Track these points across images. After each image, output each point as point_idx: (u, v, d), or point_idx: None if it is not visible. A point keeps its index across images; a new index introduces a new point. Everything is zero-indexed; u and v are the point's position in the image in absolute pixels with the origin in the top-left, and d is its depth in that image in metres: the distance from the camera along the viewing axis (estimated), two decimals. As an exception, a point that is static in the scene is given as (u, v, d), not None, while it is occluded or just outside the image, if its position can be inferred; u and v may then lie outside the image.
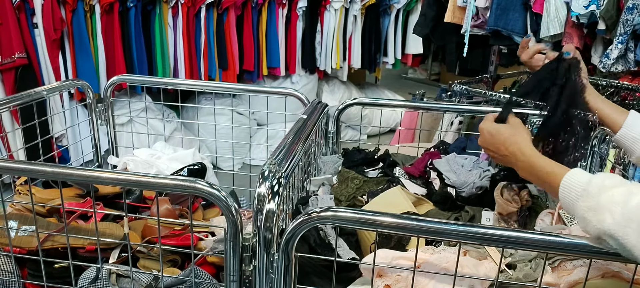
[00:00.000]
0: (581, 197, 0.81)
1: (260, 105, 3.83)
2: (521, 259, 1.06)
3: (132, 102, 3.01)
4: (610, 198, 0.77)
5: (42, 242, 1.20)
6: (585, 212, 0.80)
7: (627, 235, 0.74)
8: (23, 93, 1.63)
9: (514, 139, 1.02)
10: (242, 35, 3.95)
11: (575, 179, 0.85)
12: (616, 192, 0.77)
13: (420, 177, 1.61)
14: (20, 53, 2.85)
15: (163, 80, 2.50)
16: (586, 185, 0.82)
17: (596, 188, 0.80)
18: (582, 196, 0.81)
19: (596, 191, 0.79)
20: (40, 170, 1.05)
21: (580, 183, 0.83)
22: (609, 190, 0.78)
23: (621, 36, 2.31)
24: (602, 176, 0.82)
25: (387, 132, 4.66)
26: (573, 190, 0.83)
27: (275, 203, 0.93)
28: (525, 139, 1.01)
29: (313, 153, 1.56)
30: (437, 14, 3.27)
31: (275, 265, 0.94)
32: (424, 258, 1.03)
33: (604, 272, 1.01)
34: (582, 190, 0.82)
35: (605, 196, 0.78)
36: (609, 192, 0.78)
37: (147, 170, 1.80)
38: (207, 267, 1.24)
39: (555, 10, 2.52)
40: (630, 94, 2.73)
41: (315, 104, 1.57)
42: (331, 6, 4.29)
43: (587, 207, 0.80)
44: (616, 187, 0.78)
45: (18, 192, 1.44)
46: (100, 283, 1.16)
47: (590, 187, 0.81)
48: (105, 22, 3.20)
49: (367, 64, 4.79)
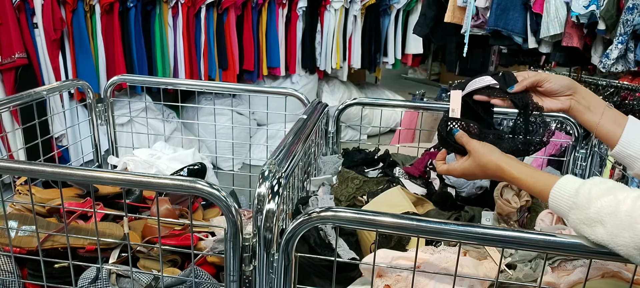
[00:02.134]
0: (571, 209, 0.81)
1: (260, 105, 3.83)
2: (521, 259, 1.06)
3: (132, 102, 3.01)
4: (599, 210, 0.77)
5: (42, 242, 1.20)
6: (577, 224, 0.80)
7: (620, 245, 0.74)
8: (23, 93, 1.63)
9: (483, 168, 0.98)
10: (242, 35, 3.95)
11: (563, 191, 0.84)
12: (604, 202, 0.77)
13: (420, 177, 1.61)
14: (20, 53, 2.85)
15: (163, 80, 2.50)
16: (574, 197, 0.81)
17: (584, 199, 0.79)
18: (572, 208, 0.81)
19: (585, 203, 0.79)
20: (40, 170, 1.05)
21: (568, 194, 0.82)
22: (596, 200, 0.78)
23: (621, 36, 2.31)
24: (590, 184, 0.81)
25: (387, 132, 4.66)
26: (562, 204, 0.83)
27: (275, 203, 0.93)
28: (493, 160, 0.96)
29: (313, 154, 1.56)
30: (437, 14, 3.27)
31: (275, 265, 0.94)
32: (424, 258, 1.03)
33: (603, 272, 1.01)
34: (572, 202, 0.81)
35: (594, 207, 0.78)
36: (597, 202, 0.78)
37: (147, 170, 1.80)
38: (207, 267, 1.24)
39: (555, 10, 2.52)
40: (631, 94, 2.74)
41: (315, 104, 1.57)
42: (331, 6, 4.29)
43: (579, 219, 0.80)
44: (603, 196, 0.78)
45: (18, 192, 1.44)
46: (100, 283, 1.16)
47: (579, 198, 0.80)
48: (105, 22, 3.20)
49: (367, 64, 4.80)
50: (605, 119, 0.98)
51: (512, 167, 0.94)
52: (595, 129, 1.00)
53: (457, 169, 1.04)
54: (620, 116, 0.99)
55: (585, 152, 1.67)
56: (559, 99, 1.03)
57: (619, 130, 0.96)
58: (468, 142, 1.01)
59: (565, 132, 2.49)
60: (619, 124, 0.97)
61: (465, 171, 1.02)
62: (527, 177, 0.91)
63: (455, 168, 1.04)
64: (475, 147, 1.00)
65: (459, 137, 1.03)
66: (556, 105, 1.03)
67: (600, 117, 0.99)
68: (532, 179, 0.90)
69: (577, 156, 1.69)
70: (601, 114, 0.99)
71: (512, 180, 0.94)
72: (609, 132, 0.98)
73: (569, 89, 1.02)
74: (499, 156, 0.96)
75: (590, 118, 1.00)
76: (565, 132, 2.48)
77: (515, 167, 0.94)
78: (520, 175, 0.93)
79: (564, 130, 2.52)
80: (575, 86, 1.03)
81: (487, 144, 1.00)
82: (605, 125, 0.98)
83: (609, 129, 0.98)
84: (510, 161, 0.95)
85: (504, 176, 0.95)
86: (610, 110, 1.00)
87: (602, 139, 1.00)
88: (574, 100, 1.02)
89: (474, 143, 1.00)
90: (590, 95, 1.03)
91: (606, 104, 1.02)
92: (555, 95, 1.03)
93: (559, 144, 2.18)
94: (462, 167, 1.02)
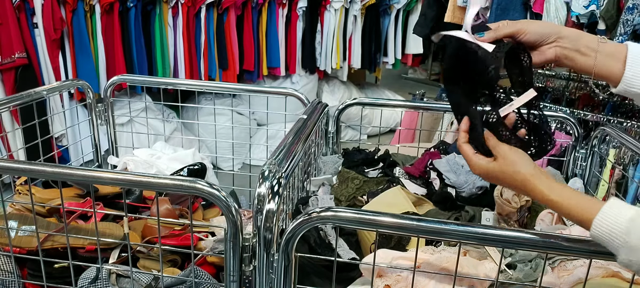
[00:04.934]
0: (622, 247, 0.72)
1: (260, 105, 3.83)
2: (521, 259, 1.06)
3: (132, 102, 3.01)
4: None
5: (42, 242, 1.20)
6: (629, 261, 0.72)
7: None
8: (23, 93, 1.63)
9: (508, 178, 0.86)
10: (242, 35, 3.95)
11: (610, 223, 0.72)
12: None
13: (420, 177, 1.61)
14: (20, 53, 2.85)
15: (163, 80, 2.50)
16: (627, 235, 0.71)
17: (638, 239, 0.70)
18: (623, 247, 0.71)
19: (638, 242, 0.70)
20: (40, 170, 1.05)
21: (619, 230, 0.71)
22: None
23: (621, 36, 2.31)
24: None
25: (387, 132, 4.66)
26: (610, 239, 0.73)
27: (275, 203, 0.93)
28: (521, 173, 0.83)
29: (313, 154, 1.56)
30: (437, 14, 3.27)
31: (275, 265, 0.94)
32: (424, 258, 1.03)
33: (604, 272, 1.01)
34: (623, 240, 0.71)
35: None
36: None
37: (147, 170, 1.80)
38: (207, 267, 1.24)
39: (555, 10, 2.52)
40: (631, 94, 2.73)
41: (315, 104, 1.57)
42: (331, 6, 4.29)
43: (631, 260, 0.72)
44: None
45: (18, 192, 1.44)
46: (100, 283, 1.16)
47: (631, 238, 0.70)
48: (105, 22, 3.20)
49: (367, 64, 4.80)
50: (600, 59, 0.87)
51: (544, 185, 0.81)
52: (592, 72, 0.88)
53: (478, 167, 0.90)
54: (617, 49, 0.87)
55: (585, 152, 1.67)
56: (541, 50, 0.90)
57: (618, 65, 0.85)
58: (496, 146, 0.88)
59: (565, 132, 2.49)
60: (617, 59, 0.86)
61: (487, 173, 0.89)
62: (563, 199, 0.78)
63: (477, 164, 0.90)
64: (505, 153, 0.86)
65: (486, 135, 0.90)
66: (540, 58, 0.90)
67: (595, 59, 0.87)
68: (569, 202, 0.78)
69: (577, 156, 1.69)
70: (595, 54, 0.87)
71: (543, 200, 0.81)
72: (608, 71, 0.87)
73: (550, 36, 0.89)
74: (528, 169, 0.83)
75: (585, 61, 0.88)
76: (565, 132, 2.48)
77: (549, 185, 0.81)
78: (555, 196, 0.79)
79: (564, 130, 2.52)
80: (559, 30, 0.90)
81: (517, 151, 0.86)
82: (602, 66, 0.87)
83: (607, 68, 0.87)
84: (542, 177, 0.82)
85: (534, 194, 0.83)
86: (604, 44, 0.88)
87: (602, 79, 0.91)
88: (559, 47, 0.89)
89: (503, 148, 0.87)
90: (578, 35, 0.90)
91: (598, 38, 0.89)
92: (537, 47, 0.90)
93: (559, 144, 2.18)
94: (485, 168, 0.89)
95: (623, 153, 2.18)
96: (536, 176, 0.82)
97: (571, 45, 0.89)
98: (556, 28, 0.90)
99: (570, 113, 2.65)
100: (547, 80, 3.14)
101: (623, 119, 2.59)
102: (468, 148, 0.92)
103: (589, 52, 0.88)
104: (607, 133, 1.61)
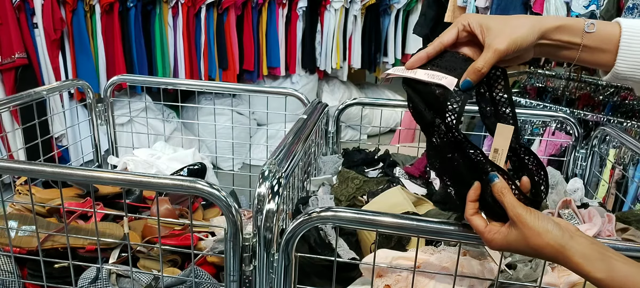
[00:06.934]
0: None
1: (260, 105, 3.83)
2: (521, 259, 1.06)
3: (132, 102, 3.01)
4: None
5: (42, 242, 1.20)
6: None
7: None
8: (23, 93, 1.63)
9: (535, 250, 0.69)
10: (242, 35, 3.96)
11: None
12: None
13: (420, 177, 1.61)
14: (20, 53, 2.85)
15: (163, 80, 2.50)
16: None
17: None
18: None
19: None
20: (40, 170, 1.05)
21: None
22: None
23: (621, 36, 2.32)
24: None
25: (387, 132, 4.66)
26: None
27: (275, 203, 0.93)
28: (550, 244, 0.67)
29: (313, 153, 1.56)
30: (437, 14, 3.28)
31: (275, 265, 0.94)
32: (424, 258, 1.03)
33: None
34: None
35: None
36: None
37: (147, 170, 1.80)
38: (207, 267, 1.24)
39: (555, 10, 2.52)
40: (631, 94, 2.74)
41: (315, 104, 1.57)
42: (331, 6, 4.29)
43: None
44: None
45: (18, 192, 1.44)
46: (100, 283, 1.16)
47: None
48: (105, 22, 3.20)
49: (367, 64, 4.80)
50: (585, 54, 0.74)
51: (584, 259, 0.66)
52: (575, 62, 0.76)
53: (497, 243, 0.72)
54: (607, 36, 0.73)
55: (585, 152, 1.67)
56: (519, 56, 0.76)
57: (607, 56, 0.73)
58: (513, 207, 0.70)
59: (565, 132, 2.49)
60: (606, 50, 0.73)
61: (509, 245, 0.71)
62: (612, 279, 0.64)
63: (494, 240, 0.72)
64: (524, 218, 0.69)
65: (498, 190, 0.71)
66: (516, 62, 0.78)
67: (578, 52, 0.74)
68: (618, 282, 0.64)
69: (577, 156, 1.70)
70: (578, 49, 0.74)
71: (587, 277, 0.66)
72: (595, 63, 0.75)
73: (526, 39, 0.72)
74: (557, 233, 0.67)
75: (568, 55, 0.76)
76: (565, 132, 2.48)
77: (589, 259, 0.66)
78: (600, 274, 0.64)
79: (564, 130, 2.52)
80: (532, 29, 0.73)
81: (535, 212, 0.69)
82: (588, 59, 0.75)
83: (594, 60, 0.75)
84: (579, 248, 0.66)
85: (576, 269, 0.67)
86: (591, 35, 0.73)
87: (592, 66, 0.78)
88: (537, 47, 0.75)
89: (521, 210, 0.69)
90: (556, 27, 0.74)
91: (585, 25, 0.74)
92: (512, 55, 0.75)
93: (559, 144, 2.18)
94: (506, 243, 0.71)
95: (623, 153, 2.19)
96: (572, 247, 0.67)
97: (551, 41, 0.75)
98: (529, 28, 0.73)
99: (570, 113, 2.65)
100: (547, 80, 3.14)
101: (623, 119, 2.59)
102: (480, 222, 0.74)
103: (572, 46, 0.74)
104: (607, 133, 1.61)
